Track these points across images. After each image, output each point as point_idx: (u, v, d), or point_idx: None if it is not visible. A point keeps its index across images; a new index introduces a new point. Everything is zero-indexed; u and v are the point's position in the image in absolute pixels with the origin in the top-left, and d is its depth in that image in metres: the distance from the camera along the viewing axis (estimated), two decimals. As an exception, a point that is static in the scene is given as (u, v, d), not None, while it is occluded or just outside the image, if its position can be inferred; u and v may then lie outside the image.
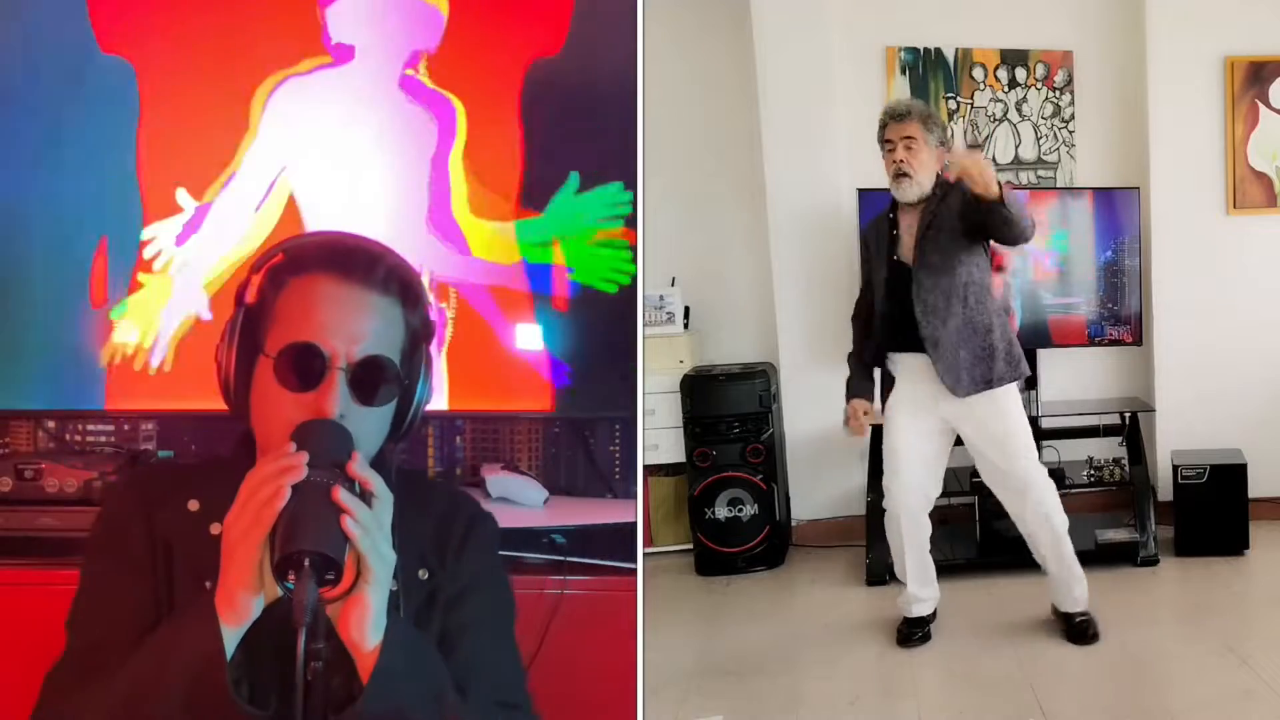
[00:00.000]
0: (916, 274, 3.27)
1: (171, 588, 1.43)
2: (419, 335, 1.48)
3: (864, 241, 3.58)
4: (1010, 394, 3.31)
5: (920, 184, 3.28)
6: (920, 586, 3.48)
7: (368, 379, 1.40)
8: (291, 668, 1.24)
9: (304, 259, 1.44)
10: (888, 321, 3.36)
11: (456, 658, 1.46)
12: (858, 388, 3.43)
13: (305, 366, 1.38)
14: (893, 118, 3.31)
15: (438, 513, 1.54)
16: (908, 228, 3.33)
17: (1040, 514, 3.32)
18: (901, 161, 3.26)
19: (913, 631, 3.48)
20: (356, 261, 1.43)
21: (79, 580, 1.48)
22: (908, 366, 3.35)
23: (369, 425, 1.42)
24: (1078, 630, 3.38)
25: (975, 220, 3.13)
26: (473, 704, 1.42)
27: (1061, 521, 3.35)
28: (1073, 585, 3.40)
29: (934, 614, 3.54)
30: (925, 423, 3.35)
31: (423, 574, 1.48)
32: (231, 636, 1.29)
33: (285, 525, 1.27)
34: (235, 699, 1.29)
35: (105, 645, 1.39)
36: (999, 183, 2.99)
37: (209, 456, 1.56)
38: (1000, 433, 3.29)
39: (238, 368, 1.42)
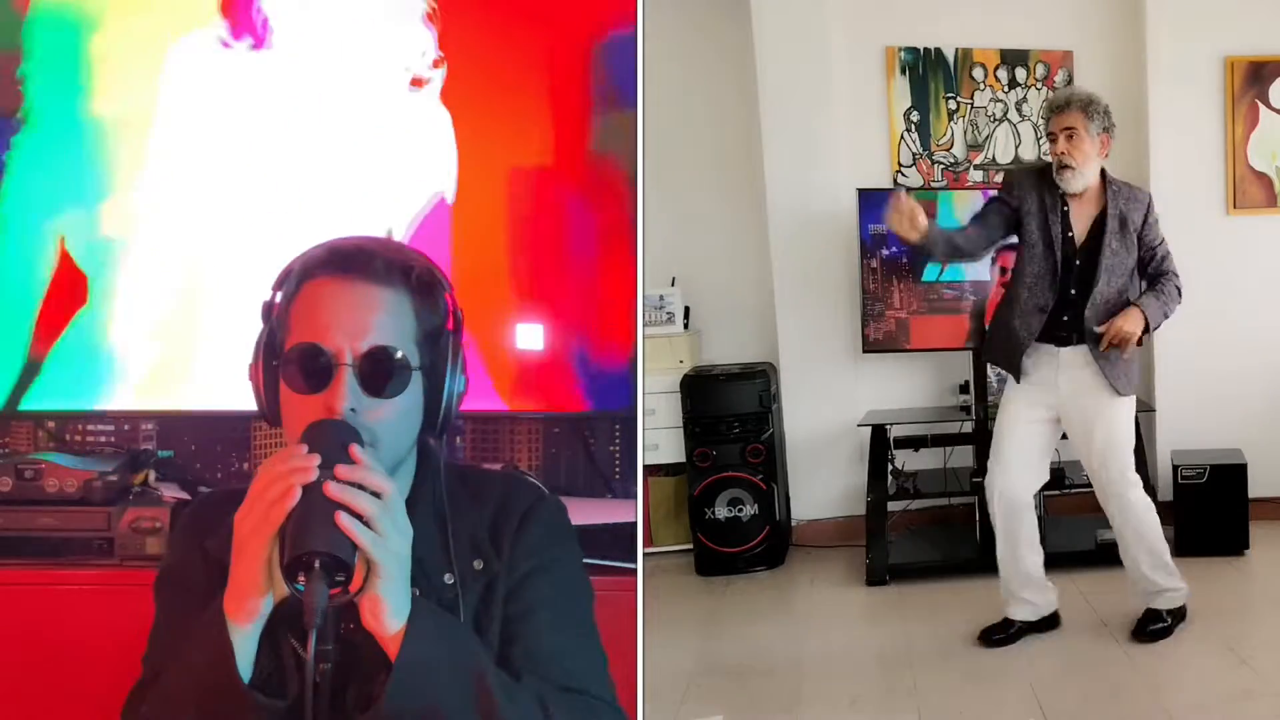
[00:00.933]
0: (1097, 262, 3.27)
1: None
2: (438, 324, 1.47)
3: (1022, 192, 3.36)
4: (1131, 404, 3.34)
5: (1084, 175, 3.28)
6: (1018, 586, 3.42)
7: (376, 370, 1.39)
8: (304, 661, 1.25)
9: (309, 265, 1.44)
10: (1038, 305, 3.30)
11: (519, 645, 1.45)
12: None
13: (311, 367, 1.38)
14: (1054, 109, 3.31)
15: (493, 502, 1.52)
16: (1079, 213, 3.32)
17: (1129, 526, 3.34)
18: (1064, 154, 3.25)
19: (994, 631, 3.41)
20: (354, 258, 1.43)
21: (154, 615, 1.51)
22: (1039, 355, 3.32)
23: (390, 419, 1.41)
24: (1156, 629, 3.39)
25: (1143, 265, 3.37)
26: (525, 687, 1.40)
27: (1155, 536, 3.37)
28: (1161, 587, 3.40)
29: (1039, 624, 3.44)
30: (1038, 415, 3.34)
31: (477, 564, 1.47)
32: (243, 634, 1.30)
33: (295, 526, 1.26)
34: (245, 690, 1.30)
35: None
36: (1145, 322, 3.25)
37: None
38: (1105, 440, 3.30)
39: (266, 384, 1.44)
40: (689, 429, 4.27)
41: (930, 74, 4.59)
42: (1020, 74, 4.60)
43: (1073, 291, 3.29)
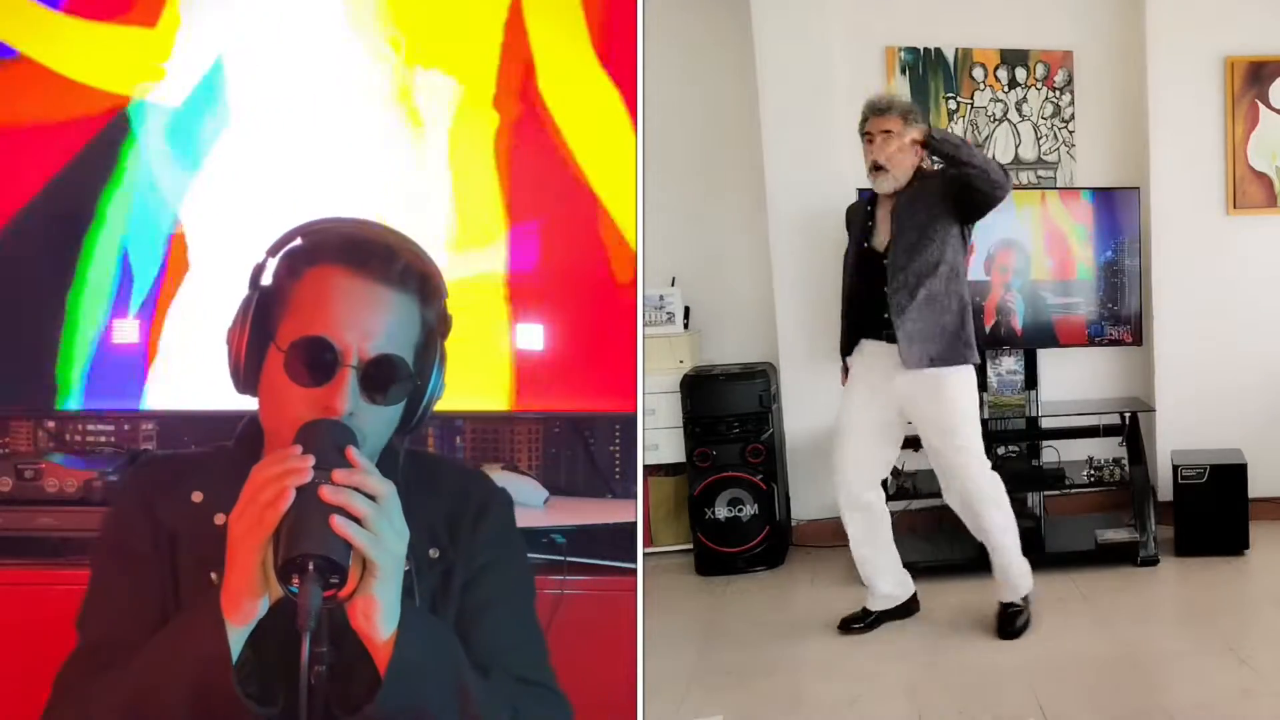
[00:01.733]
0: (892, 255, 3.33)
1: (178, 581, 1.42)
2: (434, 331, 1.46)
3: (846, 223, 3.66)
4: (956, 377, 3.35)
5: (895, 178, 3.35)
6: (872, 576, 3.55)
7: (380, 377, 1.37)
8: (298, 663, 1.23)
9: (322, 248, 1.40)
10: (855, 306, 3.46)
11: (476, 637, 1.45)
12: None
13: (316, 361, 1.36)
14: (874, 111, 3.37)
15: (449, 491, 1.52)
16: (884, 216, 3.40)
17: (964, 501, 3.40)
18: (877, 153, 3.32)
19: (853, 619, 3.55)
20: (374, 254, 1.40)
21: (89, 579, 1.48)
22: (868, 351, 3.43)
23: (378, 422, 1.40)
24: (1007, 620, 3.44)
25: (957, 188, 3.25)
26: (494, 683, 1.41)
27: (993, 514, 3.39)
28: (1008, 574, 3.45)
29: (896, 611, 3.57)
30: (878, 407, 3.42)
31: (433, 553, 1.46)
32: (237, 635, 1.29)
33: (289, 528, 1.26)
34: (241, 697, 1.28)
35: (114, 642, 1.39)
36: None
37: (212, 447, 1.53)
38: (934, 414, 3.36)
39: (248, 354, 1.39)
40: (689, 429, 4.27)
41: (930, 74, 4.58)
42: (1020, 74, 4.60)
43: (885, 288, 3.34)
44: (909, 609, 3.61)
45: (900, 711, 3.04)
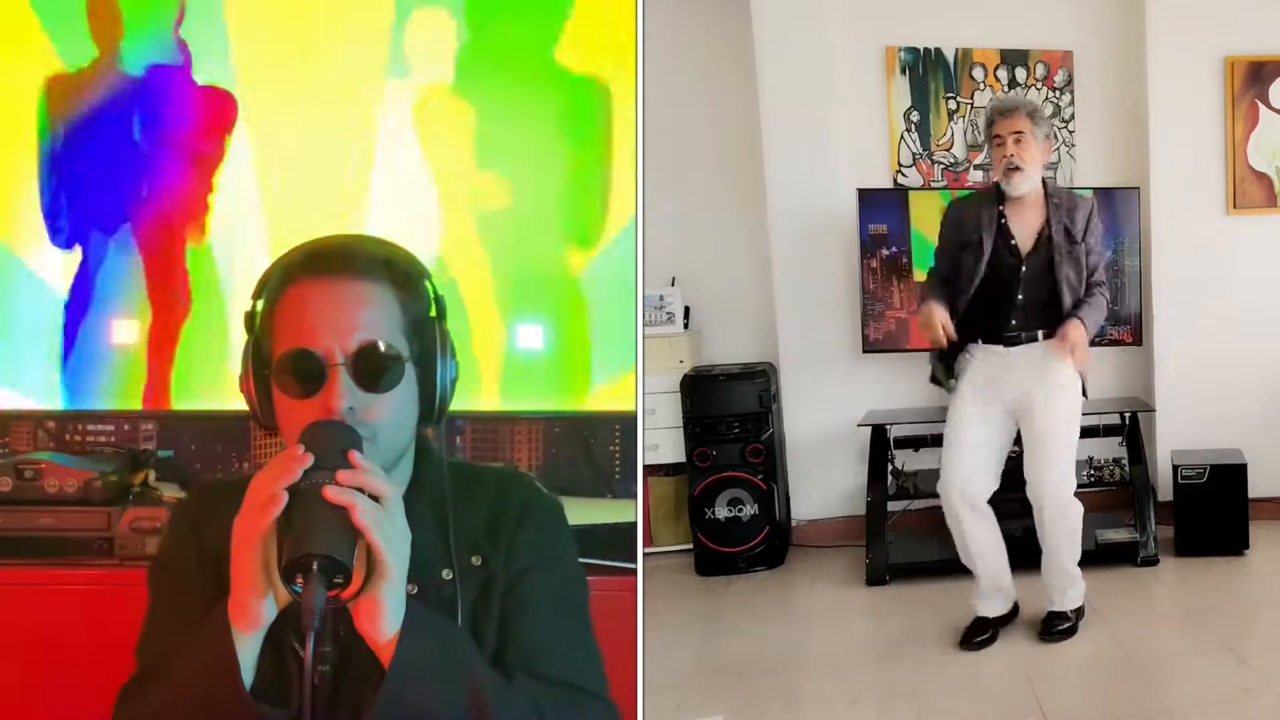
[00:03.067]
0: (1032, 266, 3.32)
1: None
2: (422, 313, 1.47)
3: (955, 223, 3.48)
4: (1067, 397, 3.35)
5: (1030, 178, 3.33)
6: (986, 583, 3.45)
7: (369, 365, 1.39)
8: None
9: (289, 269, 1.44)
10: (983, 309, 3.35)
11: (511, 640, 1.45)
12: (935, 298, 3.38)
13: (303, 371, 1.38)
14: (1001, 113, 3.35)
15: (491, 498, 1.52)
16: (1019, 221, 3.36)
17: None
18: (1013, 155, 3.29)
19: (973, 634, 3.42)
20: (332, 256, 1.43)
21: (146, 604, 1.50)
22: (985, 356, 3.36)
23: (389, 412, 1.41)
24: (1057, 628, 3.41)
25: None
26: (518, 685, 1.40)
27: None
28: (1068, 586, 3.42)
29: (1009, 615, 3.49)
30: (991, 413, 3.37)
31: (475, 560, 1.47)
32: (247, 641, 1.30)
33: (294, 529, 1.26)
34: (250, 701, 1.29)
35: (164, 665, 1.40)
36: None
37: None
38: (1043, 428, 3.33)
39: (259, 393, 1.43)
40: (689, 429, 4.27)
41: (930, 74, 4.58)
42: (1020, 74, 4.60)
43: (1020, 297, 3.33)
44: (1014, 612, 3.53)
45: (900, 711, 3.04)
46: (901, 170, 4.59)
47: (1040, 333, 3.32)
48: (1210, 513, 4.08)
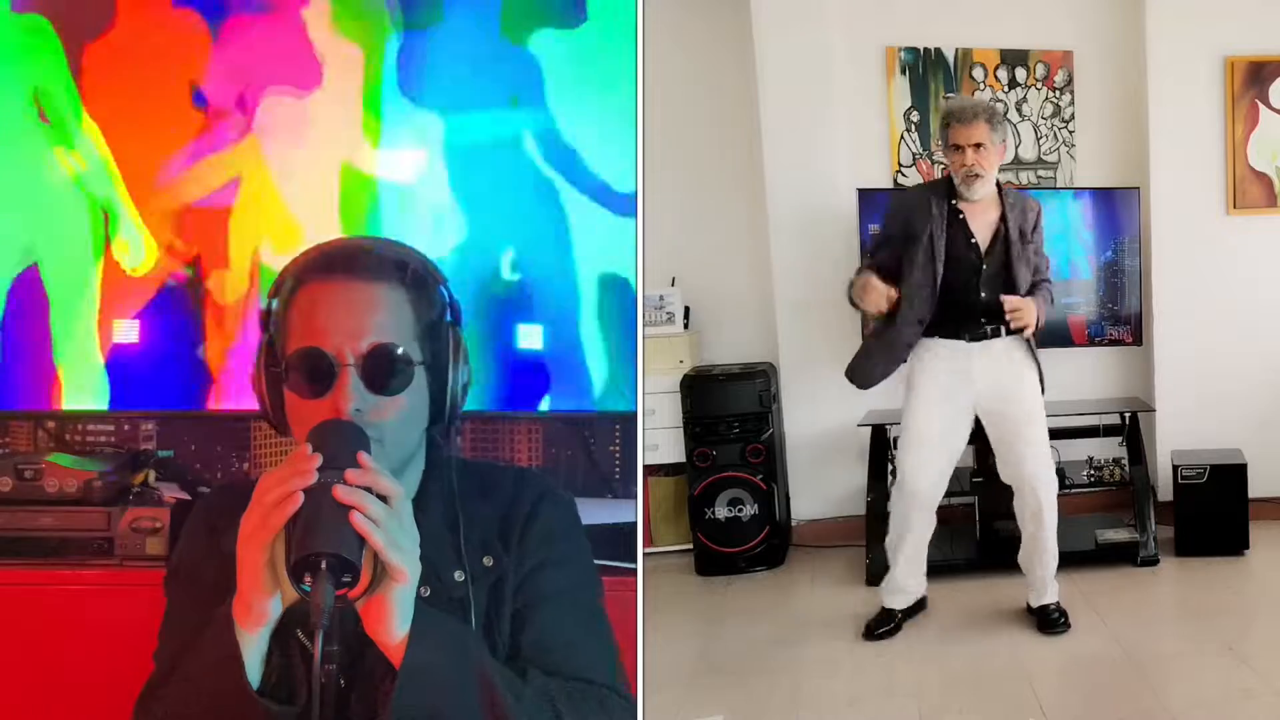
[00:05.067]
0: (991, 264, 3.37)
1: None
2: (436, 318, 1.47)
3: (902, 214, 3.48)
4: (1033, 382, 3.42)
5: (989, 183, 3.38)
6: (908, 576, 3.54)
7: (378, 367, 1.40)
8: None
9: (304, 270, 1.45)
10: (942, 306, 3.37)
11: (524, 638, 1.46)
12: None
13: (313, 370, 1.39)
14: (959, 120, 3.36)
15: (503, 497, 1.53)
16: (978, 219, 3.39)
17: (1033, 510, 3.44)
18: (973, 165, 3.33)
19: (879, 624, 3.51)
20: (347, 258, 1.44)
21: (165, 608, 1.51)
22: (944, 350, 3.39)
23: (397, 415, 1.41)
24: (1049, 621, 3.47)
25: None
26: (532, 683, 1.40)
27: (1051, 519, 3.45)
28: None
29: (914, 608, 3.59)
30: (952, 412, 3.41)
31: (487, 560, 1.47)
32: (252, 638, 1.31)
33: (301, 528, 1.27)
34: (256, 698, 1.30)
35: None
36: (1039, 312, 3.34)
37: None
38: (1019, 415, 3.40)
39: (269, 390, 1.44)
40: (689, 429, 4.27)
41: (930, 74, 4.58)
42: (1020, 74, 4.60)
43: (983, 295, 3.36)
44: (922, 604, 3.64)
45: (900, 711, 3.03)
46: (902, 170, 4.59)
47: (1002, 327, 3.36)
48: (1210, 513, 4.08)
